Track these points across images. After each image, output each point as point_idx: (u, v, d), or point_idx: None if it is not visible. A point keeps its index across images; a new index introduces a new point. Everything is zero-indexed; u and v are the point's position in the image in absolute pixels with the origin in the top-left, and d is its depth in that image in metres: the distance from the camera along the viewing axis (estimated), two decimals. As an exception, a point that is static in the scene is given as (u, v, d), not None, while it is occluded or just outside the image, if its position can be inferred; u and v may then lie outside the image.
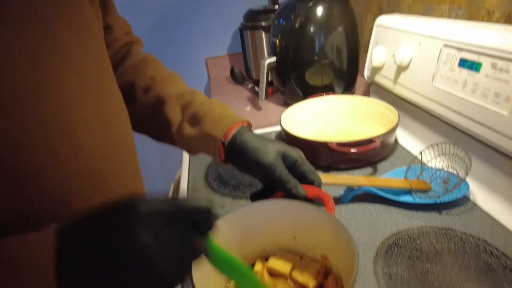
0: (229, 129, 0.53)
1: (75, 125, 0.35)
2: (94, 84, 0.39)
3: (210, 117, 0.54)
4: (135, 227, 0.26)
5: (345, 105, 0.93)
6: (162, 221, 0.27)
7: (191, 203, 0.29)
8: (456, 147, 0.63)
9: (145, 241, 0.25)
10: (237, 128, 0.53)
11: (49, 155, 0.33)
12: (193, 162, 0.85)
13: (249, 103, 1.19)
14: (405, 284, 0.47)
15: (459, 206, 0.61)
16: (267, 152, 0.50)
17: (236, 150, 0.52)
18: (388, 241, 0.55)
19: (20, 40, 0.30)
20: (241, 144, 0.51)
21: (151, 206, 0.27)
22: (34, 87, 0.31)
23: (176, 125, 0.56)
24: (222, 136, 0.52)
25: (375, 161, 0.77)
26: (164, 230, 0.27)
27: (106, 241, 0.26)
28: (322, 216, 0.43)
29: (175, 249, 0.27)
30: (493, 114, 0.58)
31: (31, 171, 0.31)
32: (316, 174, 0.50)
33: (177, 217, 0.28)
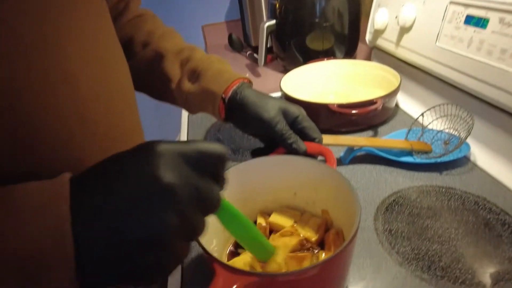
0: (229, 85, 0.51)
1: (76, 75, 0.34)
2: (95, 35, 0.38)
3: (209, 72, 0.53)
4: (157, 166, 0.24)
5: (346, 70, 0.91)
6: (183, 162, 0.25)
7: (209, 147, 0.27)
8: (458, 107, 0.62)
9: (168, 179, 0.23)
10: (237, 84, 0.52)
11: (50, 104, 0.32)
12: (192, 127, 0.84)
13: (248, 70, 1.17)
14: (405, 239, 0.48)
15: (460, 166, 0.61)
16: (268, 107, 0.49)
17: (236, 106, 0.51)
18: (389, 199, 0.55)
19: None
20: (241, 100, 0.50)
21: (171, 147, 0.25)
22: (38, 38, 0.30)
23: (175, 81, 0.54)
24: (222, 92, 0.51)
25: (376, 124, 0.76)
26: (186, 171, 0.25)
27: (126, 179, 0.24)
28: (323, 169, 0.43)
29: (197, 192, 0.25)
30: (498, 71, 0.56)
31: (33, 120, 0.30)
32: (316, 131, 0.50)
33: (196, 160, 0.26)
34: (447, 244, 0.46)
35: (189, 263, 0.48)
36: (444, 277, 0.42)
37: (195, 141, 0.27)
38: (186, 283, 0.46)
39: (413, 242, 0.47)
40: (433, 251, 0.46)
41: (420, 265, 0.44)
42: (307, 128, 0.49)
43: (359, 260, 0.45)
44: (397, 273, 0.43)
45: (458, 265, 0.43)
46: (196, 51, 0.56)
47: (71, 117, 0.34)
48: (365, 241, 0.48)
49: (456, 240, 0.47)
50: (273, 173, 0.47)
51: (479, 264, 0.43)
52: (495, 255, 0.44)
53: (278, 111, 0.49)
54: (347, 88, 0.91)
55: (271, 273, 0.36)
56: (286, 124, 0.48)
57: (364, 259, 0.46)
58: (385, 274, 0.43)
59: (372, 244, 0.48)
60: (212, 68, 0.53)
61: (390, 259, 0.45)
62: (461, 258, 0.44)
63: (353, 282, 0.43)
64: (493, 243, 0.46)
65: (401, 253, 0.46)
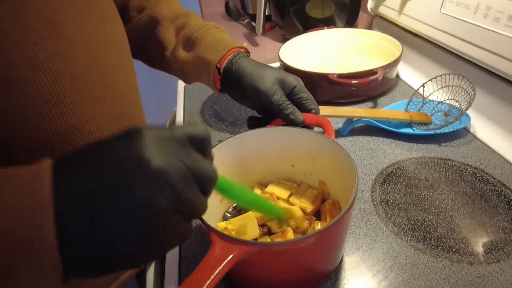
0: (224, 54, 0.50)
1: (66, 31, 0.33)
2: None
3: (205, 40, 0.51)
4: (147, 148, 0.23)
5: (347, 39, 0.88)
6: (173, 143, 0.25)
7: (195, 129, 0.27)
8: (460, 78, 0.61)
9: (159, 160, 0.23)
10: (233, 53, 0.50)
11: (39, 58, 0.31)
12: (188, 99, 0.82)
13: (246, 39, 1.14)
14: (402, 210, 0.48)
15: (459, 138, 0.61)
16: (265, 78, 0.47)
17: (232, 76, 0.49)
18: (386, 171, 0.55)
19: None
20: (237, 70, 0.49)
21: (159, 131, 0.25)
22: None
23: (170, 48, 0.52)
24: (217, 62, 0.49)
25: (376, 96, 0.75)
26: (177, 152, 0.24)
27: (115, 162, 0.23)
28: (321, 140, 0.42)
29: (191, 169, 0.24)
30: (504, 40, 0.55)
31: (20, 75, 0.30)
32: (314, 102, 0.48)
33: (185, 141, 0.26)
34: (443, 215, 0.47)
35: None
36: (439, 247, 0.42)
37: (181, 126, 0.27)
38: (184, 252, 0.46)
39: (409, 213, 0.47)
40: (429, 221, 0.46)
41: (415, 235, 0.44)
42: (304, 98, 0.48)
43: (355, 230, 0.46)
44: (393, 243, 0.44)
45: (452, 235, 0.44)
46: (192, 18, 0.54)
47: (61, 73, 0.33)
48: (362, 211, 0.48)
49: (452, 211, 0.47)
50: (270, 144, 0.46)
51: (473, 234, 0.44)
52: (490, 225, 0.44)
53: (275, 82, 0.47)
54: (347, 58, 0.88)
55: (267, 243, 0.36)
56: (283, 95, 0.47)
57: (361, 229, 0.46)
58: (381, 244, 0.44)
59: (369, 214, 0.48)
60: (208, 36, 0.51)
61: (387, 230, 0.45)
62: (456, 228, 0.45)
63: (349, 251, 0.43)
64: (488, 213, 0.46)
65: (397, 223, 0.46)
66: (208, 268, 0.29)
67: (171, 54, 0.53)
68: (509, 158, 0.55)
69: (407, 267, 0.41)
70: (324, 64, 0.88)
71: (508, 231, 0.43)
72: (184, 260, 0.45)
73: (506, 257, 0.40)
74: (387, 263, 0.41)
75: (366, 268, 0.41)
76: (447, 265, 0.40)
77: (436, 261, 0.41)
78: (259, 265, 0.34)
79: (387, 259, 0.42)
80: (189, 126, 0.27)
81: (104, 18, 0.39)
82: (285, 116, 0.46)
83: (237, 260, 0.30)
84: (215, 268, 0.29)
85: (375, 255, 0.42)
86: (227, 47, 0.50)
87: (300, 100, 0.48)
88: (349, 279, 0.40)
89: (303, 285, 0.39)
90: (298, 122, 0.45)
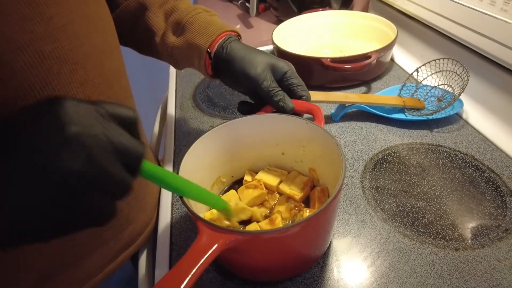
0: (215, 38, 0.48)
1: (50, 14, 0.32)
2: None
3: (195, 25, 0.49)
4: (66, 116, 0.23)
5: (342, 22, 0.87)
6: (96, 115, 0.24)
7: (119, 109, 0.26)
8: (455, 62, 0.60)
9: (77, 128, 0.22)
10: (224, 37, 0.49)
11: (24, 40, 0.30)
12: (180, 83, 0.81)
13: (239, 21, 1.11)
14: (391, 197, 0.48)
15: (451, 124, 0.61)
16: (255, 63, 0.46)
17: (223, 61, 0.48)
18: (377, 157, 0.55)
19: None
20: (228, 55, 0.48)
21: (83, 103, 0.24)
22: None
23: (160, 34, 0.51)
24: (208, 46, 0.48)
25: (369, 80, 0.74)
26: (98, 123, 0.24)
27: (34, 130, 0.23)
28: (310, 127, 0.42)
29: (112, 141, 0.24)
30: (499, 24, 0.54)
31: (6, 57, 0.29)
32: (305, 88, 0.48)
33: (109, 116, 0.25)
34: (431, 201, 0.47)
35: (178, 220, 0.49)
36: (426, 233, 0.43)
37: (108, 104, 0.26)
38: (175, 238, 0.47)
39: (398, 199, 0.48)
40: (418, 208, 0.46)
41: (403, 222, 0.45)
42: (295, 84, 0.47)
43: (344, 216, 0.46)
44: (381, 229, 0.44)
45: (440, 221, 0.44)
46: (182, 1, 0.52)
47: (48, 56, 0.32)
48: (351, 198, 0.49)
49: (441, 197, 0.48)
50: (261, 131, 0.46)
51: (460, 220, 0.44)
52: (477, 212, 0.45)
53: (266, 67, 0.46)
54: (342, 40, 0.87)
55: (253, 231, 0.36)
56: (273, 81, 0.46)
57: (350, 215, 0.46)
58: (369, 230, 0.44)
59: (358, 201, 0.48)
60: (197, 20, 0.50)
61: (375, 216, 0.46)
62: (444, 215, 0.45)
63: (338, 237, 0.44)
64: (476, 200, 0.47)
65: (386, 210, 0.47)
66: (195, 256, 0.29)
67: (160, 40, 0.51)
68: (499, 145, 0.55)
69: (394, 253, 0.41)
70: (319, 46, 0.86)
71: (494, 217, 0.44)
72: (174, 246, 0.45)
73: (491, 243, 0.41)
74: (374, 249, 0.42)
75: (353, 254, 0.42)
76: (433, 251, 0.41)
77: (423, 247, 0.42)
78: (246, 252, 0.34)
79: (375, 245, 0.42)
80: (117, 106, 0.26)
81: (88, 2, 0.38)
82: (274, 103, 0.45)
83: (223, 248, 0.30)
84: (202, 256, 0.29)
85: (363, 241, 0.43)
86: (218, 31, 0.49)
87: (291, 86, 0.47)
88: (337, 264, 0.41)
89: (291, 271, 0.39)
90: (287, 109, 0.45)
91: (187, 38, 0.49)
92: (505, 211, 0.45)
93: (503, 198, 0.46)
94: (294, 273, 0.40)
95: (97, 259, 0.44)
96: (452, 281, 0.38)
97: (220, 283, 0.40)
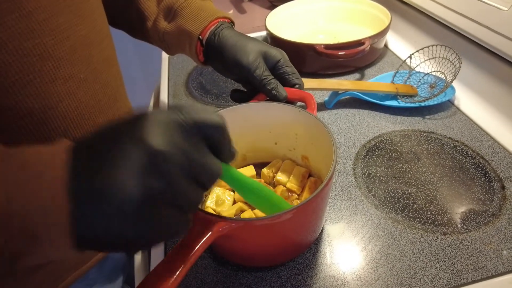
0: (207, 25, 0.48)
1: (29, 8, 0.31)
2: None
3: (187, 10, 0.48)
4: (149, 133, 0.22)
5: (336, 7, 0.86)
6: (178, 131, 0.23)
7: (206, 118, 0.24)
8: (447, 49, 0.60)
9: (158, 145, 0.22)
10: (216, 24, 0.48)
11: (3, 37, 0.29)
12: (173, 70, 0.80)
13: (232, 5, 1.10)
14: (382, 183, 0.49)
15: (443, 111, 0.61)
16: (247, 51, 0.46)
17: (214, 49, 0.48)
18: (370, 144, 0.55)
19: None
20: (219, 43, 0.47)
21: (166, 116, 0.23)
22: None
23: (152, 19, 0.50)
24: (199, 33, 0.48)
25: (363, 67, 0.74)
26: (179, 140, 0.23)
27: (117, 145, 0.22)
28: (302, 115, 0.42)
29: (190, 161, 0.23)
30: (491, 10, 0.54)
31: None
32: (298, 76, 0.48)
33: (192, 130, 0.24)
34: (422, 187, 0.48)
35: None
36: (416, 219, 0.44)
37: (192, 109, 0.24)
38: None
39: (390, 186, 0.49)
40: (409, 194, 0.47)
41: (394, 208, 0.46)
42: (288, 73, 0.47)
43: (336, 203, 0.47)
44: (372, 215, 0.45)
45: (430, 207, 0.45)
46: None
47: (29, 53, 0.31)
48: (343, 184, 0.49)
49: (431, 183, 0.48)
50: (253, 120, 0.46)
51: (449, 205, 0.45)
52: (465, 197, 0.46)
53: (258, 55, 0.46)
54: (337, 26, 0.86)
55: (245, 218, 0.37)
56: (266, 69, 0.46)
57: (342, 202, 0.47)
58: (361, 216, 0.45)
59: (350, 187, 0.49)
60: (190, 5, 0.49)
61: (367, 202, 0.47)
62: (434, 201, 0.46)
63: (330, 223, 0.45)
64: (465, 185, 0.48)
65: (377, 196, 0.47)
66: (190, 243, 0.30)
67: (152, 24, 0.51)
68: (489, 131, 0.55)
69: (385, 238, 0.42)
70: (313, 32, 0.86)
71: (482, 202, 0.45)
72: (169, 233, 0.46)
73: (478, 227, 0.42)
74: (366, 235, 0.43)
75: (345, 240, 0.43)
76: (422, 235, 0.42)
77: (413, 232, 0.43)
78: (239, 239, 0.35)
79: (366, 230, 0.43)
80: (200, 111, 0.24)
81: None
82: (267, 91, 0.45)
83: (217, 236, 0.31)
84: (197, 243, 0.30)
85: (354, 227, 0.44)
86: (210, 17, 0.48)
87: (284, 74, 0.47)
88: (329, 250, 0.42)
89: (284, 256, 0.40)
90: (280, 98, 0.45)
91: (178, 24, 0.49)
92: (493, 196, 0.46)
93: (491, 183, 0.47)
94: (287, 258, 0.41)
95: None
96: (439, 264, 0.39)
97: (214, 269, 0.41)
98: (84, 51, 0.37)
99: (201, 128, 0.24)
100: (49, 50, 0.33)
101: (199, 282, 0.40)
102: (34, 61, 0.32)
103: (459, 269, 0.38)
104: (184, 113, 0.24)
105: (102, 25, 0.42)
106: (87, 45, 0.37)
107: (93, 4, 0.40)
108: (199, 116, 0.24)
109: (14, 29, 0.30)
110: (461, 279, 0.37)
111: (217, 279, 0.40)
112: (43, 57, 0.32)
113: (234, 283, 0.40)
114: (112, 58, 0.44)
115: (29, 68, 0.32)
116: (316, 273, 0.40)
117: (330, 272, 0.40)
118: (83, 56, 0.37)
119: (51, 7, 0.33)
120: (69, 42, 0.35)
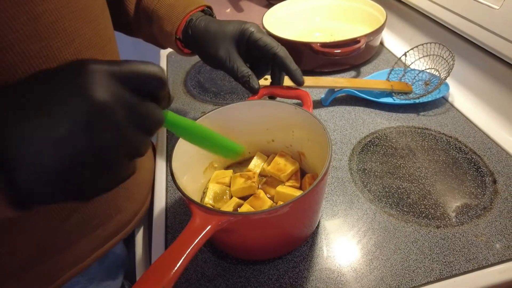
0: (180, 23, 0.49)
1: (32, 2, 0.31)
2: None
3: (161, 11, 0.49)
4: (89, 85, 0.23)
5: (333, 5, 0.87)
6: (117, 82, 0.24)
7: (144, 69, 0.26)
8: (441, 47, 0.61)
9: (101, 98, 0.22)
10: (187, 19, 0.49)
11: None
12: (171, 68, 0.81)
13: (229, 4, 1.10)
14: (377, 178, 0.50)
15: (437, 107, 0.62)
16: (217, 43, 0.46)
17: (192, 44, 0.49)
18: (365, 140, 0.56)
19: None
20: (192, 38, 0.48)
21: (104, 67, 0.24)
22: None
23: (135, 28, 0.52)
24: (175, 32, 0.49)
25: (359, 64, 0.75)
26: (120, 91, 0.24)
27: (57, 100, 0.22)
28: (298, 113, 0.43)
29: (134, 111, 0.24)
30: (484, 9, 0.55)
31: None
32: (275, 45, 0.46)
33: (131, 81, 0.25)
34: (416, 182, 0.49)
35: (173, 204, 0.51)
36: (410, 213, 0.45)
37: (129, 62, 0.26)
38: (170, 221, 0.48)
39: (384, 181, 0.50)
40: (403, 189, 0.48)
41: (389, 202, 0.47)
42: (261, 41, 0.46)
43: (332, 198, 0.48)
44: (367, 209, 0.46)
45: (424, 201, 0.46)
46: None
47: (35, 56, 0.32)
48: (339, 180, 0.50)
49: (425, 178, 0.50)
50: (251, 117, 0.47)
51: (442, 200, 0.46)
52: (458, 191, 0.47)
53: (229, 44, 0.46)
54: (333, 24, 0.87)
55: (243, 212, 0.38)
56: (237, 58, 0.46)
57: (337, 196, 0.48)
58: (356, 210, 0.46)
59: (346, 182, 0.50)
60: (163, 4, 0.50)
61: (362, 197, 0.48)
62: (428, 195, 0.47)
63: (326, 217, 0.46)
64: (458, 180, 0.49)
65: (372, 191, 0.48)
66: (189, 237, 0.31)
67: (136, 31, 0.53)
68: (481, 127, 0.57)
69: (380, 231, 0.43)
70: (310, 30, 0.87)
71: (474, 196, 0.46)
72: (169, 229, 0.47)
73: (470, 220, 0.43)
74: (361, 228, 0.44)
75: (341, 233, 0.44)
76: (416, 229, 0.43)
77: (407, 225, 0.44)
78: (238, 233, 0.36)
79: (361, 224, 0.45)
80: (138, 63, 0.26)
81: None
82: (241, 83, 0.46)
83: (216, 230, 0.32)
84: (196, 237, 0.31)
85: (350, 221, 0.45)
86: (181, 14, 0.49)
87: (259, 43, 0.46)
88: (325, 243, 0.43)
89: (281, 249, 0.41)
90: (252, 90, 0.46)
91: (156, 27, 0.50)
92: (484, 190, 0.47)
93: (483, 178, 0.49)
94: (284, 251, 0.42)
95: (85, 246, 0.44)
96: (432, 256, 0.40)
97: (213, 263, 0.42)
98: (88, 54, 0.38)
99: (140, 78, 0.26)
100: (54, 53, 0.33)
101: (199, 275, 0.41)
102: (40, 63, 0.32)
103: (451, 261, 0.39)
104: (122, 66, 0.25)
105: (106, 29, 0.43)
106: (91, 48, 0.38)
107: (98, 9, 0.41)
108: (137, 67, 0.26)
109: (23, 31, 0.30)
110: (453, 270, 0.39)
111: (216, 272, 0.41)
112: (48, 59, 0.33)
113: (233, 276, 0.41)
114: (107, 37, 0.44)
115: (35, 69, 0.32)
116: (312, 265, 0.41)
117: (327, 265, 0.41)
118: None
119: (58, 10, 0.33)
120: (74, 45, 0.35)
